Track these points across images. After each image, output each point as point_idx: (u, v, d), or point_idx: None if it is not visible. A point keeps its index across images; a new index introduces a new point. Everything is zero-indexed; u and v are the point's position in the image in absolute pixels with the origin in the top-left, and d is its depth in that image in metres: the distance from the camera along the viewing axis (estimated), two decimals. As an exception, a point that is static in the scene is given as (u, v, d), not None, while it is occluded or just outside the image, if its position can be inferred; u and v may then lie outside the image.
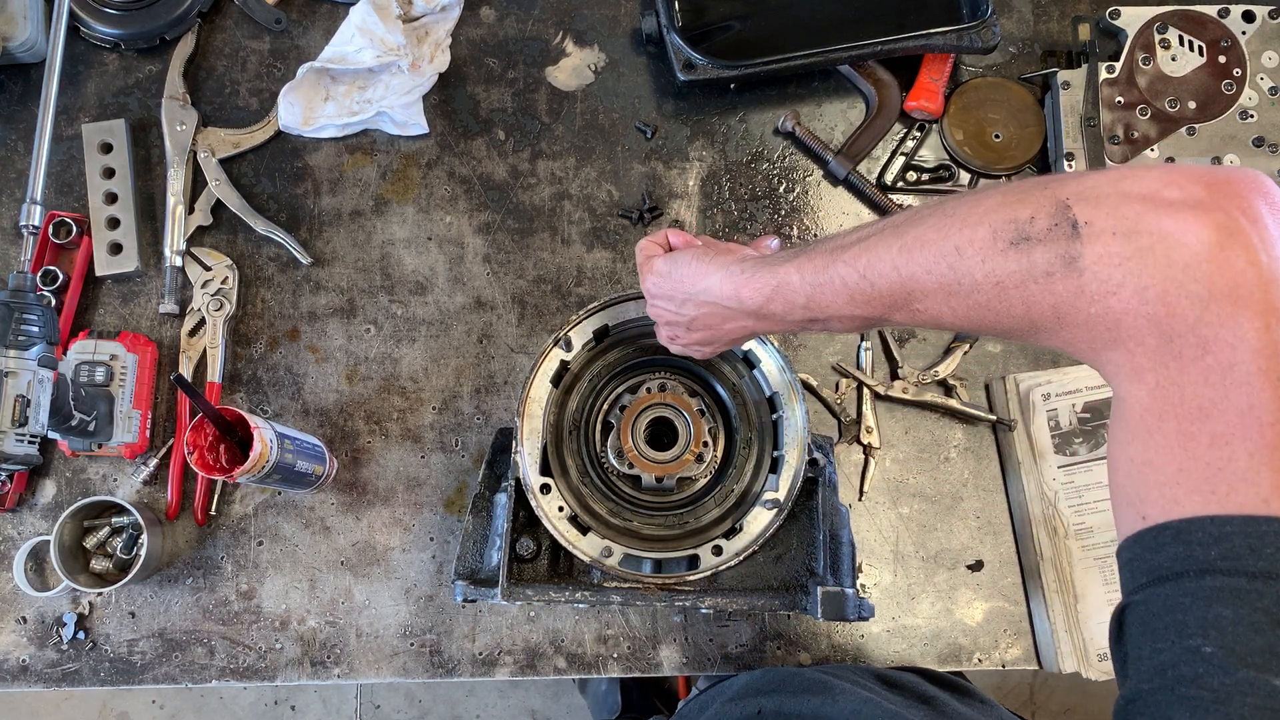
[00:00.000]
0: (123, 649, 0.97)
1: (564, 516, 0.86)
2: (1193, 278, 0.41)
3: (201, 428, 0.83)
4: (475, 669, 0.97)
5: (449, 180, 1.08)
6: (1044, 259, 0.46)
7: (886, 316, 0.57)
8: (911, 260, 0.53)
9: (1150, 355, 0.43)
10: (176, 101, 1.06)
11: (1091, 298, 0.44)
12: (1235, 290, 0.41)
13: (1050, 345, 0.50)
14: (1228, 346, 0.41)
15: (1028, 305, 0.47)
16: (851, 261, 0.57)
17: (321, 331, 1.04)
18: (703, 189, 1.09)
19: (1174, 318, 0.42)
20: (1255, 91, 1.03)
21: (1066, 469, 1.00)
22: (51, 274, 1.00)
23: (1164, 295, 0.42)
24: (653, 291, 0.77)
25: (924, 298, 0.53)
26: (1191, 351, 0.42)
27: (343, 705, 2.04)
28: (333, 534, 1.00)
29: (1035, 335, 0.50)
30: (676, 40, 1.03)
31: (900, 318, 0.57)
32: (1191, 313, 0.41)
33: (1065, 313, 0.46)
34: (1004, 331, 0.51)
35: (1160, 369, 0.43)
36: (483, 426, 1.02)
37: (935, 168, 1.08)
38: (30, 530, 0.99)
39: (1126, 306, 0.43)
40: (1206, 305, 0.41)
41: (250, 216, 1.04)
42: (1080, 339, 0.47)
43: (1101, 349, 0.46)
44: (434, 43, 1.07)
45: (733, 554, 0.86)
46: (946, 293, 0.51)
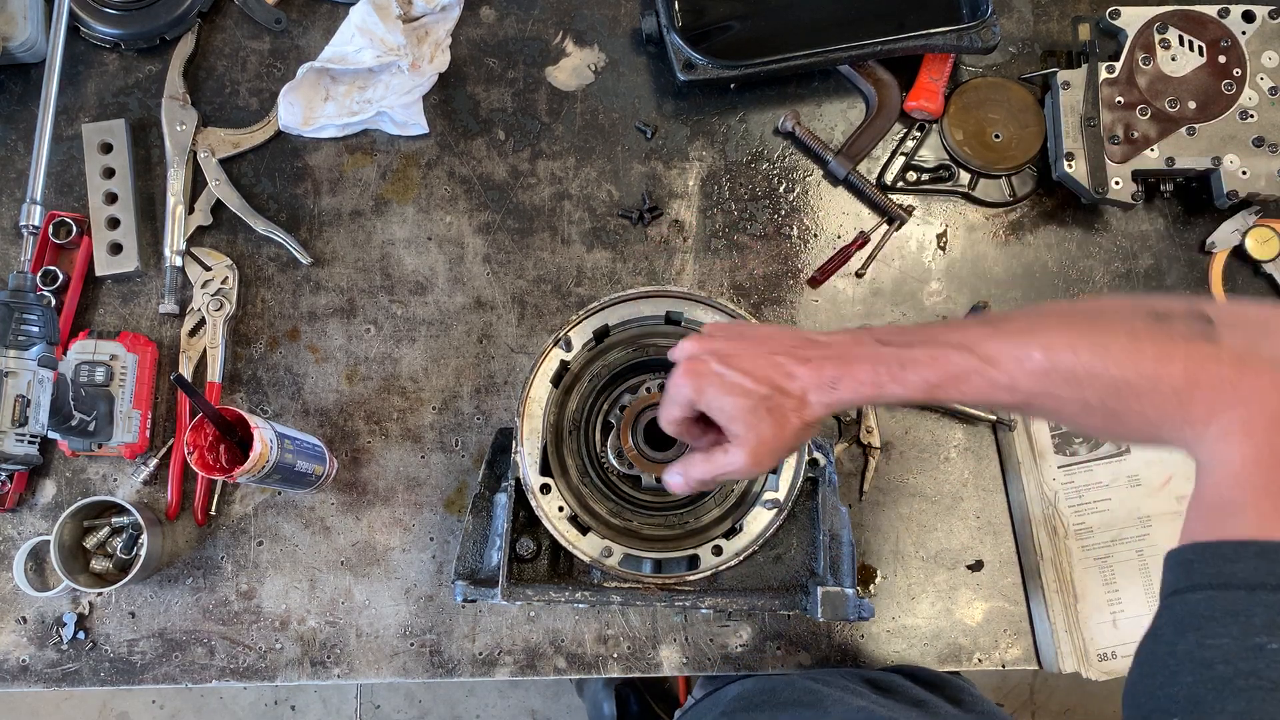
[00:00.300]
0: (123, 649, 0.97)
1: (564, 516, 0.86)
2: None
3: (201, 428, 0.83)
4: (475, 669, 0.97)
5: (449, 180, 1.08)
6: (1182, 326, 0.54)
7: (1021, 404, 0.61)
8: (1058, 347, 0.57)
9: (1270, 416, 0.50)
10: (176, 101, 1.06)
11: (1225, 360, 0.52)
12: None
13: (1163, 415, 0.55)
14: None
15: (1159, 363, 0.53)
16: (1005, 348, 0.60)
17: (321, 331, 1.04)
18: (703, 189, 1.09)
19: None
20: (1255, 91, 1.03)
21: (1066, 469, 1.00)
22: (51, 274, 1.00)
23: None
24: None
25: (1071, 381, 0.57)
26: None
27: (343, 705, 2.04)
28: (333, 534, 1.00)
29: (1156, 399, 0.54)
30: (676, 40, 1.03)
31: (1033, 403, 0.60)
32: None
33: (1197, 372, 0.52)
34: (1127, 396, 0.55)
35: (1274, 428, 0.50)
36: (483, 426, 1.02)
37: (935, 168, 1.08)
38: (30, 530, 0.99)
39: (1259, 371, 0.51)
40: None
41: (250, 216, 1.04)
42: (1203, 400, 0.52)
43: (1224, 409, 0.52)
44: (434, 43, 1.07)
45: (733, 554, 0.86)
46: (1089, 374, 0.56)
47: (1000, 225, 1.09)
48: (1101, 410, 0.57)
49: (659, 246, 1.07)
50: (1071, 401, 0.58)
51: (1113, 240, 1.09)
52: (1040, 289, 1.07)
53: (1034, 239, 1.09)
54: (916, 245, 1.08)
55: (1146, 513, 0.99)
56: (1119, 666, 0.96)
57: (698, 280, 1.07)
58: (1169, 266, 1.08)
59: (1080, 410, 0.58)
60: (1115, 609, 0.98)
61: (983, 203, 1.09)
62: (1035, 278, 1.08)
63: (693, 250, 1.07)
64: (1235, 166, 1.01)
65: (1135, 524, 0.99)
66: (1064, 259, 1.08)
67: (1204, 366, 0.52)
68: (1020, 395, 0.59)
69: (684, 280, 1.07)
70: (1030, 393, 0.59)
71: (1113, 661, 0.96)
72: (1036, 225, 1.09)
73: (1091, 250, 1.08)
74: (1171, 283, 1.08)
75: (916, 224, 1.09)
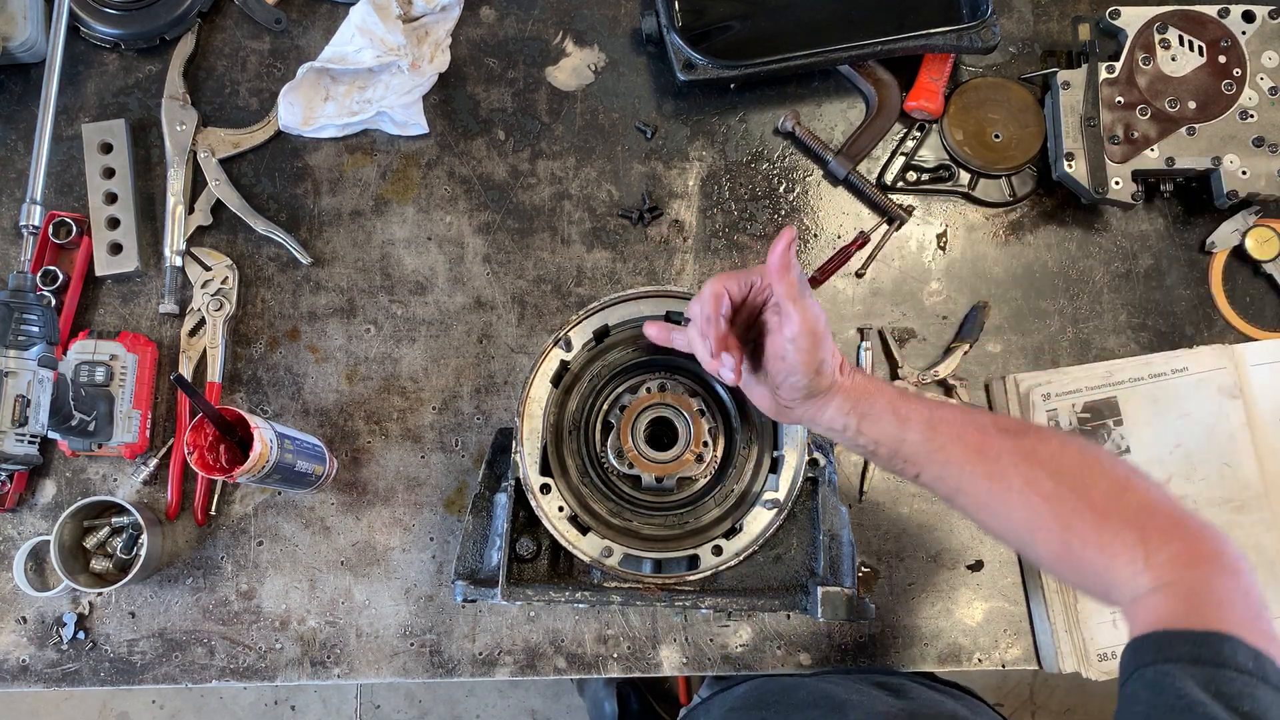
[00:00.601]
0: (123, 649, 0.97)
1: (564, 516, 0.86)
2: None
3: (201, 428, 0.83)
4: (475, 669, 0.97)
5: (449, 180, 1.08)
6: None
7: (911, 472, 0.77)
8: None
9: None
10: (176, 101, 1.06)
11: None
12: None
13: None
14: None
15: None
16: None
17: (321, 331, 1.04)
18: (703, 189, 1.09)
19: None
20: (1255, 91, 1.03)
21: (1066, 469, 1.00)
22: (51, 274, 1.00)
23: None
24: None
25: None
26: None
27: (343, 705, 2.04)
28: (333, 534, 1.00)
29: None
30: (676, 40, 1.03)
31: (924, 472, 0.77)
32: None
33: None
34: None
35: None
36: (483, 426, 1.02)
37: (935, 168, 1.08)
38: (30, 530, 0.99)
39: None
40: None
41: (250, 216, 1.04)
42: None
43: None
44: (434, 43, 1.07)
45: (733, 554, 0.86)
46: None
47: (1000, 225, 1.09)
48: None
49: (659, 246, 1.07)
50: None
51: (1113, 240, 1.09)
52: (1040, 289, 1.07)
53: (1034, 239, 1.09)
54: (916, 245, 1.08)
55: (1146, 513, 0.99)
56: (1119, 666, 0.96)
57: (698, 280, 1.07)
58: (1169, 266, 1.08)
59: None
60: (1115, 609, 0.98)
61: (983, 203, 1.09)
62: (1035, 278, 1.08)
63: (693, 250, 1.07)
64: (1235, 166, 1.01)
65: (1135, 524, 0.99)
66: (1064, 259, 1.08)
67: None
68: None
69: (684, 280, 1.07)
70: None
71: (1113, 661, 0.96)
72: (1036, 225, 1.09)
73: (1091, 250, 1.08)
74: (1171, 282, 1.08)
75: (916, 224, 1.09)
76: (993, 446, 0.73)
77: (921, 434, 0.75)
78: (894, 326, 1.06)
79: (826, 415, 0.77)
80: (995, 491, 0.72)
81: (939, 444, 0.74)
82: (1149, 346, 1.06)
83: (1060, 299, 1.07)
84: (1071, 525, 0.68)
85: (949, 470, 0.74)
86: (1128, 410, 1.01)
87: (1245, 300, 1.08)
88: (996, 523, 0.74)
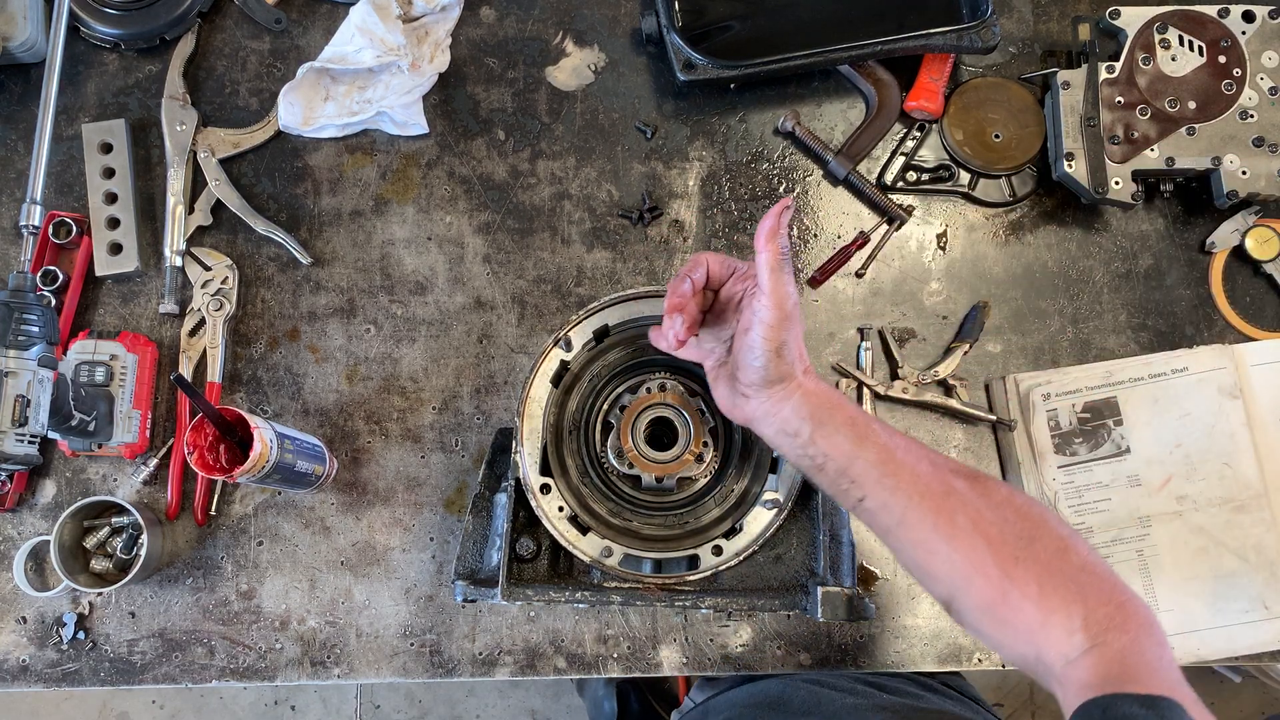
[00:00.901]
0: (123, 649, 0.97)
1: (564, 516, 0.86)
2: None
3: (201, 428, 0.83)
4: (475, 669, 0.97)
5: (449, 180, 1.08)
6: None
7: (836, 487, 0.76)
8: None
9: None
10: (176, 101, 1.06)
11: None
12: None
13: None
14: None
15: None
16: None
17: (321, 331, 1.04)
18: (703, 189, 1.09)
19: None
20: (1255, 91, 1.03)
21: (1066, 469, 1.00)
22: (51, 274, 1.00)
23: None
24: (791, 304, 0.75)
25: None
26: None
27: (343, 705, 2.04)
28: (333, 534, 1.00)
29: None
30: (676, 40, 1.03)
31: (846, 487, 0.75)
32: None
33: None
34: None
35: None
36: (483, 426, 1.02)
37: (935, 168, 1.08)
38: (30, 530, 0.99)
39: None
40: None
41: (250, 216, 1.04)
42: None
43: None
44: (434, 43, 1.07)
45: (733, 554, 0.86)
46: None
47: (1000, 225, 1.09)
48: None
49: (659, 246, 1.07)
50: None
51: (1113, 240, 1.09)
52: (1040, 289, 1.07)
53: (1034, 239, 1.09)
54: (916, 245, 1.08)
55: (1146, 513, 0.99)
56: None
57: (698, 280, 1.06)
58: (1169, 266, 1.08)
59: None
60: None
61: (983, 203, 1.09)
62: (1035, 278, 1.08)
63: (693, 250, 1.07)
64: (1235, 166, 1.01)
65: (1135, 524, 0.99)
66: (1064, 259, 1.08)
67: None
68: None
69: (684, 280, 1.07)
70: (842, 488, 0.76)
71: (1113, 661, 0.96)
72: (1036, 225, 1.09)
73: (1091, 250, 1.08)
74: (1171, 282, 1.08)
75: (916, 224, 1.09)
76: (944, 483, 0.72)
77: (876, 455, 0.72)
78: (894, 326, 1.06)
79: (783, 413, 0.74)
80: (940, 528, 0.70)
81: (891, 469, 0.72)
82: (1149, 346, 1.06)
83: (1060, 299, 1.07)
84: (1013, 574, 0.67)
85: (896, 498, 0.72)
86: (1128, 410, 1.01)
87: (1245, 300, 1.08)
88: (934, 561, 0.71)
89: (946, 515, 0.70)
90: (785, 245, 0.72)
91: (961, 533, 0.69)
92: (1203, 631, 0.97)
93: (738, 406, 0.78)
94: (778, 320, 0.72)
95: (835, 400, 0.75)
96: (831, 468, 0.74)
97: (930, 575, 0.72)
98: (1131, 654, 0.63)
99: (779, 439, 0.76)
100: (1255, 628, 0.97)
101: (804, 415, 0.74)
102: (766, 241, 0.71)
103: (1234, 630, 0.97)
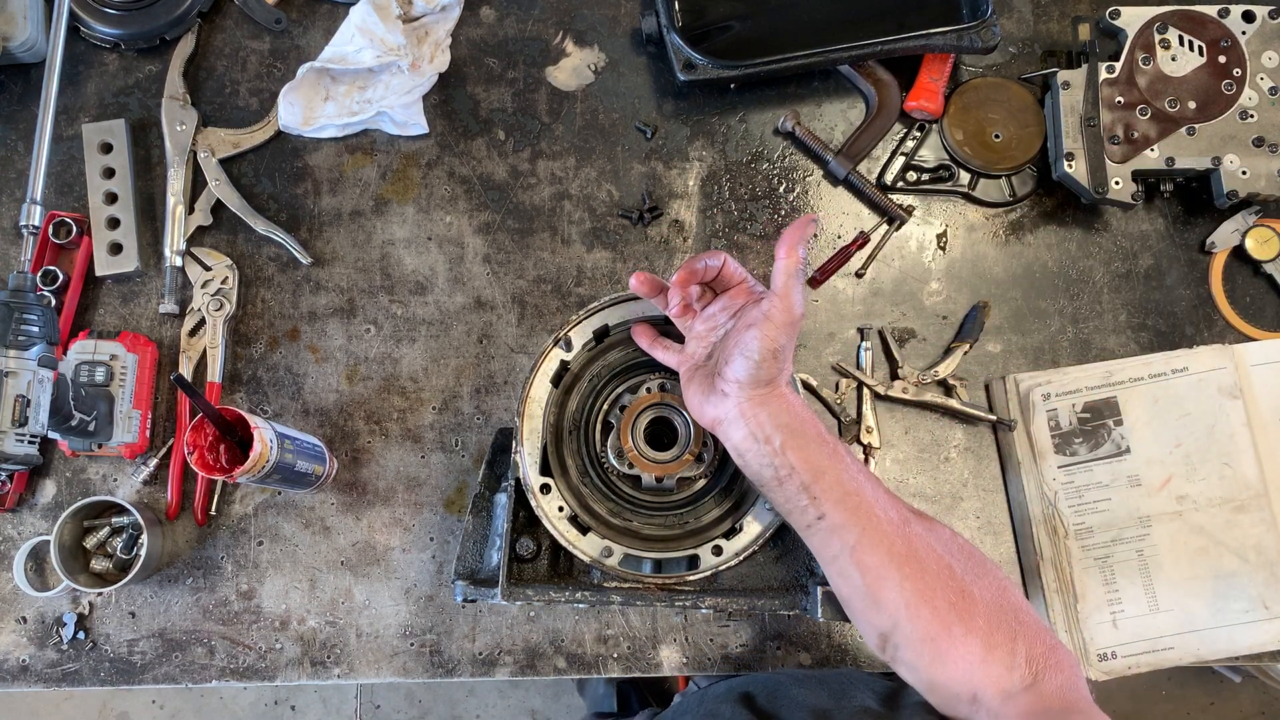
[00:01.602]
0: (123, 649, 0.97)
1: (564, 516, 0.86)
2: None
3: (201, 428, 0.83)
4: (475, 669, 0.97)
5: (449, 180, 1.08)
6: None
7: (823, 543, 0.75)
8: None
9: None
10: (176, 101, 1.06)
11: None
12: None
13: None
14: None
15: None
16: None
17: (321, 331, 1.04)
18: (703, 189, 1.09)
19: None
20: (1255, 91, 1.03)
21: (1066, 469, 1.00)
22: (51, 274, 1.00)
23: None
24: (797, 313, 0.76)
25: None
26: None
27: (343, 705, 2.04)
28: (333, 534, 1.00)
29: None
30: (676, 40, 1.03)
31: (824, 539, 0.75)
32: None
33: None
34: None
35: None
36: (483, 426, 1.02)
37: (935, 168, 1.08)
38: (30, 530, 0.99)
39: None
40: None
41: (250, 216, 1.04)
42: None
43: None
44: (434, 43, 1.07)
45: (733, 554, 0.86)
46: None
47: (1000, 225, 1.09)
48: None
49: (659, 246, 1.07)
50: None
51: (1113, 240, 1.09)
52: (1040, 289, 1.07)
53: (1034, 239, 1.09)
54: (916, 245, 1.08)
55: (1146, 513, 0.99)
56: (1119, 666, 0.96)
57: (698, 280, 1.06)
58: (1169, 266, 1.08)
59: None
60: (1115, 609, 0.98)
61: (983, 203, 1.09)
62: (1035, 278, 1.08)
63: (693, 250, 1.07)
64: (1235, 166, 1.01)
65: (1135, 524, 0.99)
66: (1064, 259, 1.08)
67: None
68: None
69: (684, 280, 1.07)
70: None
71: (1112, 661, 0.96)
72: (1036, 225, 1.09)
73: (1091, 250, 1.08)
74: (1171, 282, 1.08)
75: (916, 224, 1.09)
76: (901, 513, 0.73)
77: (843, 475, 0.73)
78: (894, 326, 1.06)
79: (759, 417, 0.74)
80: (895, 554, 0.71)
81: (854, 490, 0.72)
82: (1149, 346, 1.06)
83: (1060, 299, 1.07)
84: (959, 608, 0.68)
85: (856, 520, 0.72)
86: (1128, 410, 1.01)
87: (1245, 300, 1.08)
88: (883, 588, 0.71)
89: (903, 543, 0.71)
90: (804, 256, 0.74)
91: (915, 562, 0.70)
92: (1203, 631, 0.97)
93: (711, 404, 0.78)
94: (785, 322, 0.73)
95: (809, 415, 0.76)
96: (795, 482, 0.73)
97: (875, 603, 0.72)
98: (1069, 690, 0.67)
99: (746, 444, 0.76)
100: (1255, 628, 0.97)
101: (780, 423, 0.74)
102: (789, 250, 0.73)
103: (1234, 630, 0.97)
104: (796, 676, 0.91)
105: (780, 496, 0.75)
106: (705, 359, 0.81)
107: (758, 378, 0.74)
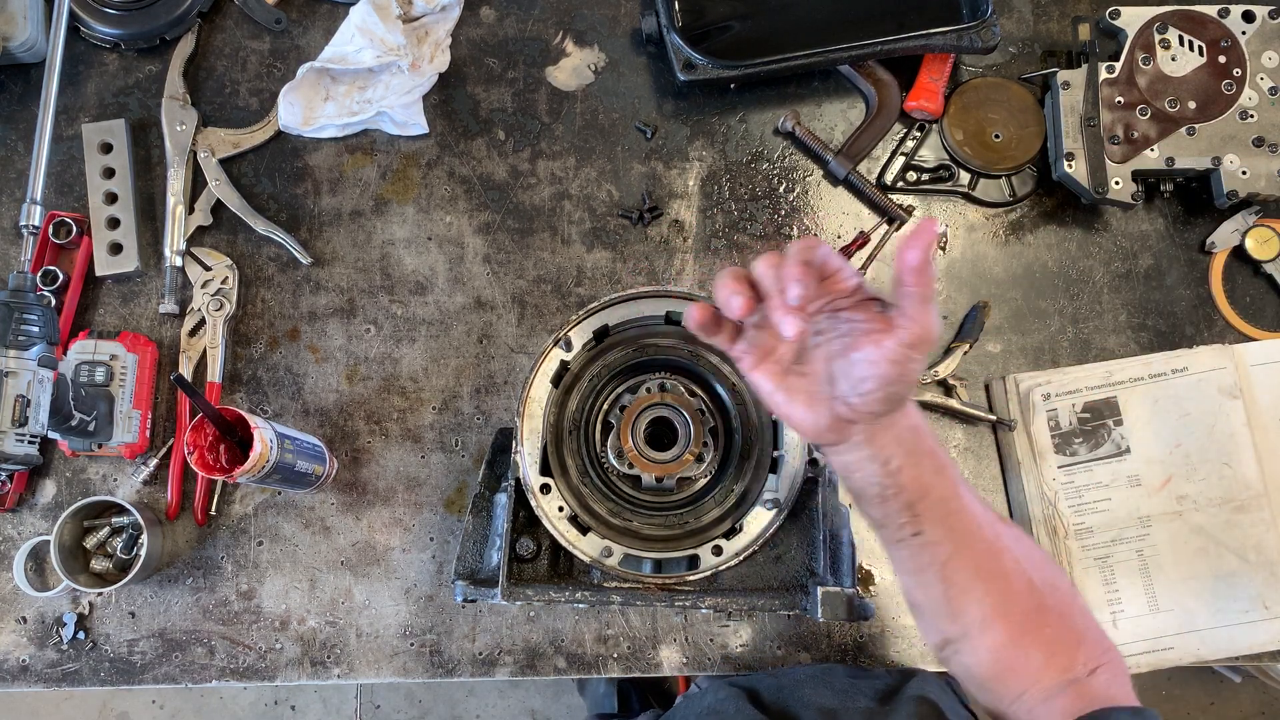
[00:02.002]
0: (123, 649, 0.97)
1: (564, 516, 0.86)
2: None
3: (201, 428, 0.83)
4: (475, 669, 0.97)
5: (449, 180, 1.08)
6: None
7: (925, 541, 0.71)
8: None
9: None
10: (176, 101, 1.06)
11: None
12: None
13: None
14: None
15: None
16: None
17: (321, 331, 1.04)
18: (703, 189, 1.09)
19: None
20: (1255, 91, 1.03)
21: (1066, 469, 1.00)
22: (51, 274, 1.00)
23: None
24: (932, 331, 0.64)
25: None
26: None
27: (343, 705, 2.04)
28: (333, 534, 1.00)
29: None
30: (676, 40, 1.03)
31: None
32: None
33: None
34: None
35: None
36: (483, 426, 1.02)
37: (935, 168, 1.08)
38: (30, 530, 0.99)
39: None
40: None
41: (250, 216, 1.04)
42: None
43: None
44: (434, 43, 1.07)
45: (733, 554, 0.86)
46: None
47: (1000, 225, 1.09)
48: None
49: (659, 246, 1.07)
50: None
51: (1113, 240, 1.09)
52: (1040, 289, 1.07)
53: (1034, 239, 1.09)
54: (916, 245, 1.08)
55: (1146, 513, 0.99)
56: None
57: (698, 280, 1.07)
58: (1169, 266, 1.08)
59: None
60: (1115, 609, 0.98)
61: (983, 203, 1.09)
62: (1035, 278, 1.08)
63: (693, 250, 1.07)
64: (1235, 166, 1.01)
65: (1135, 524, 0.99)
66: (1064, 259, 1.08)
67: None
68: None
69: (684, 280, 1.07)
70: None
71: (1113, 661, 0.96)
72: (1036, 225, 1.09)
73: (1091, 250, 1.08)
74: (1171, 282, 1.08)
75: (916, 224, 1.08)
76: (993, 525, 0.71)
77: (949, 490, 0.69)
78: (894, 326, 1.06)
79: (883, 440, 0.67)
80: (983, 568, 0.69)
81: (956, 506, 0.69)
82: (1149, 346, 1.06)
83: (1060, 299, 1.07)
84: (1031, 621, 0.70)
85: (953, 536, 0.69)
86: (1128, 410, 1.01)
87: (1245, 300, 1.08)
88: (965, 600, 0.69)
89: (991, 558, 0.70)
90: (934, 273, 0.67)
91: (1001, 578, 0.70)
92: (1203, 631, 0.97)
93: (826, 423, 0.67)
94: (927, 351, 0.63)
95: (926, 428, 0.70)
96: (899, 500, 0.69)
97: (952, 614, 0.71)
98: (1114, 685, 0.69)
99: (859, 464, 0.69)
100: (1255, 628, 0.97)
101: (903, 446, 0.68)
102: (917, 276, 0.60)
103: (1234, 630, 0.97)
104: (799, 676, 0.91)
105: (878, 512, 0.70)
106: (793, 360, 0.69)
107: (894, 407, 0.67)
